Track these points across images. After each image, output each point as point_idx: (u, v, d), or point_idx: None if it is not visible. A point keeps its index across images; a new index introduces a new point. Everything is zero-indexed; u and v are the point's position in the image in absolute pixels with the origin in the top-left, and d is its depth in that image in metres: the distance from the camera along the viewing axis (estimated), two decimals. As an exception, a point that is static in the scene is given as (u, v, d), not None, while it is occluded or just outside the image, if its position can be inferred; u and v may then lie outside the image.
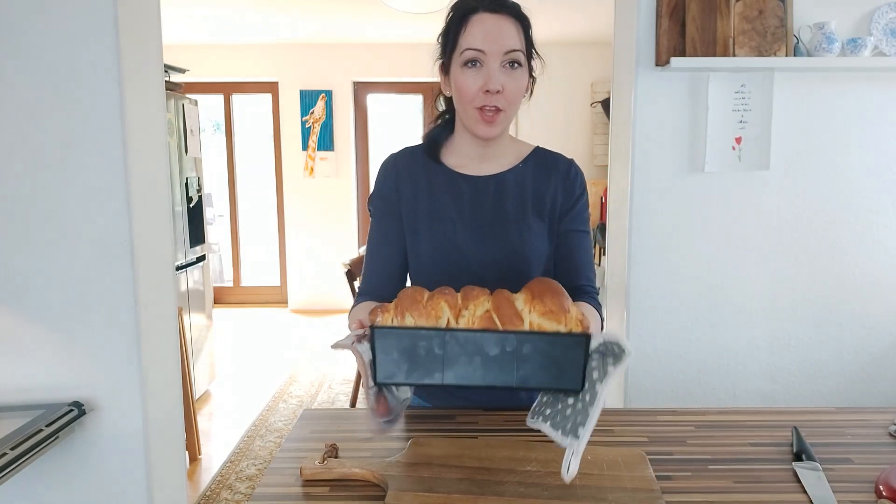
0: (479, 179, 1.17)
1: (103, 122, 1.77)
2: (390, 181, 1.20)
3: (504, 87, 1.07)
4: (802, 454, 1.00)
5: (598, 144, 5.47)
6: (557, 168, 1.20)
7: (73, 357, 1.84)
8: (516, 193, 1.17)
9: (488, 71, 1.06)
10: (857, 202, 2.21)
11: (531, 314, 0.86)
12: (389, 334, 0.85)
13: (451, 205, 1.16)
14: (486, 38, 1.05)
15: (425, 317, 0.86)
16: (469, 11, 1.07)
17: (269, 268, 6.32)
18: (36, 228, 1.79)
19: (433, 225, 1.16)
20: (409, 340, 0.84)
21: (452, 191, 1.17)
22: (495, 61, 1.06)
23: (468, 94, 1.08)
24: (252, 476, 2.75)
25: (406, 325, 0.86)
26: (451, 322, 0.86)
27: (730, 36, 2.08)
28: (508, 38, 1.06)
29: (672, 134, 2.17)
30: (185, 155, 3.36)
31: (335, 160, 5.72)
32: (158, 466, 1.92)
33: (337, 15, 4.59)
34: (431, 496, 0.87)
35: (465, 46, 1.06)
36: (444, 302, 0.87)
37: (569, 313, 0.85)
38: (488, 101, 1.07)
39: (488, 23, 1.06)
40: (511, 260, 1.14)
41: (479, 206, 1.16)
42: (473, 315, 0.86)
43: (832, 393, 2.29)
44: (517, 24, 1.08)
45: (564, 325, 0.84)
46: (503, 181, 1.17)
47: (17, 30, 1.73)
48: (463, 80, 1.08)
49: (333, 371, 4.16)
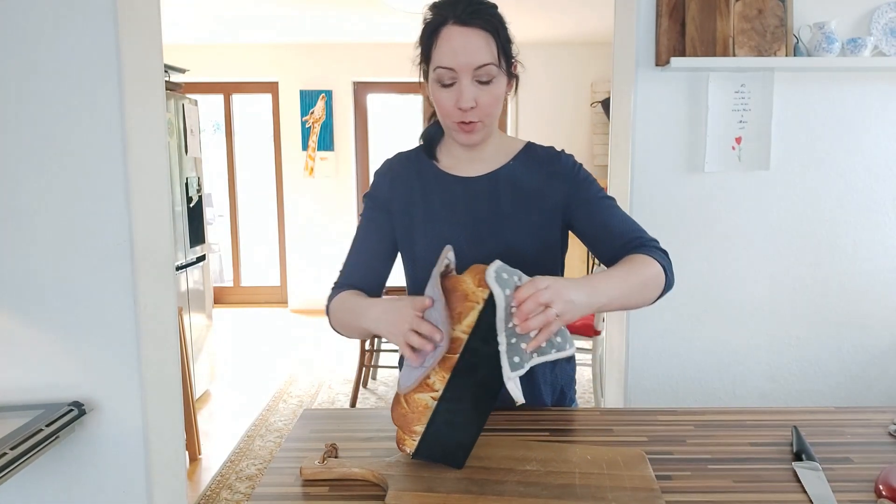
0: (470, 180, 1.18)
1: (103, 122, 1.77)
2: (385, 185, 1.22)
3: (478, 101, 1.07)
4: (802, 454, 1.00)
5: (598, 144, 5.47)
6: (549, 160, 1.19)
7: (73, 357, 1.84)
8: (510, 190, 1.16)
9: (460, 88, 1.06)
10: (857, 202, 2.21)
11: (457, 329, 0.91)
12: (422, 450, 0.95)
13: (446, 207, 1.16)
14: (456, 56, 1.04)
15: (420, 416, 0.93)
16: (440, 23, 1.06)
17: (269, 268, 6.32)
18: (36, 228, 1.79)
19: (428, 227, 1.16)
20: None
21: (446, 193, 1.17)
22: (466, 77, 1.05)
23: (444, 110, 1.10)
24: (252, 476, 2.75)
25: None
26: (435, 396, 0.92)
27: (729, 36, 2.08)
28: (478, 52, 1.04)
29: (672, 134, 2.17)
30: (185, 155, 3.36)
31: (335, 160, 5.72)
32: (158, 466, 1.92)
33: (337, 15, 4.59)
34: (431, 496, 0.87)
35: (437, 64, 1.06)
36: (417, 394, 0.93)
37: (463, 292, 0.90)
38: (464, 117, 1.08)
39: (457, 39, 1.04)
40: (508, 257, 1.14)
41: (472, 206, 1.16)
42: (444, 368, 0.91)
43: (832, 393, 2.29)
44: (487, 35, 1.05)
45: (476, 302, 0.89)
46: (495, 179, 1.17)
47: (17, 30, 1.73)
48: (438, 96, 1.09)
49: (333, 371, 4.16)
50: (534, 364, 0.88)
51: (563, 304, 0.87)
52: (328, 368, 4.22)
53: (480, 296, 0.89)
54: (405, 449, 0.95)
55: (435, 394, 0.92)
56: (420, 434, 0.93)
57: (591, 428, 1.13)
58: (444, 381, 0.91)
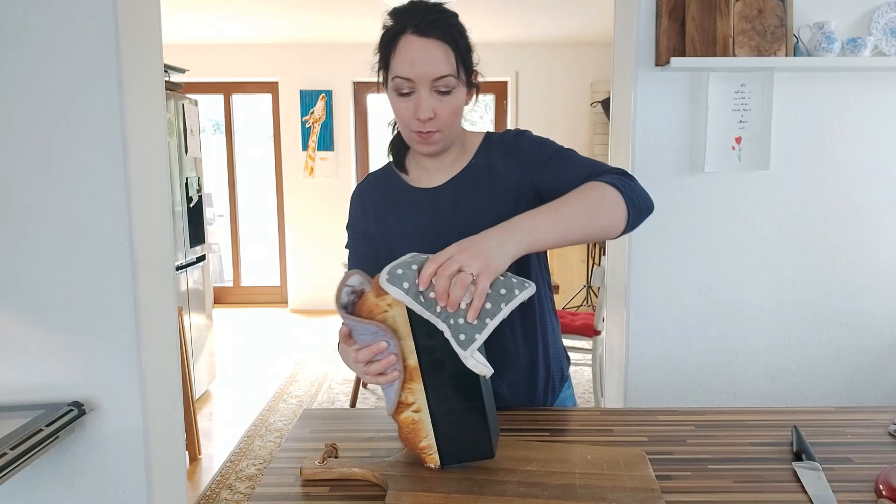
0: (435, 190, 1.17)
1: (103, 122, 1.77)
2: (357, 210, 1.24)
3: (436, 111, 1.06)
4: (802, 454, 1.00)
5: (598, 144, 5.47)
6: (503, 144, 1.18)
7: (73, 357, 1.84)
8: (473, 189, 1.15)
9: (418, 99, 1.05)
10: (857, 202, 2.21)
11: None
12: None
13: (415, 221, 1.17)
14: (414, 67, 1.03)
15: (416, 432, 0.93)
16: (398, 31, 1.04)
17: (269, 268, 6.32)
18: (36, 228, 1.79)
19: (404, 243, 1.16)
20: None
21: (414, 206, 1.18)
22: (425, 88, 1.04)
23: (402, 120, 1.09)
24: (252, 476, 2.75)
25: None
26: (420, 402, 0.92)
27: (729, 36, 2.08)
28: (436, 64, 1.03)
29: (672, 134, 2.17)
30: (185, 155, 3.36)
31: (335, 160, 5.73)
32: (158, 466, 1.92)
33: (337, 15, 4.59)
34: (431, 496, 0.87)
35: (395, 74, 1.05)
36: (401, 415, 0.93)
37: (368, 303, 0.89)
38: (422, 127, 1.07)
39: (416, 49, 1.02)
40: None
41: (438, 217, 1.16)
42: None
43: (832, 393, 2.29)
44: (446, 46, 1.04)
45: (381, 311, 0.89)
46: (457, 183, 1.16)
47: (17, 30, 1.73)
48: (396, 105, 1.08)
49: (333, 371, 4.16)
50: (493, 326, 0.83)
51: (477, 261, 0.83)
52: (328, 368, 4.22)
53: (384, 305, 0.88)
54: (430, 465, 0.95)
55: (415, 407, 0.92)
56: (430, 447, 0.93)
57: (592, 428, 1.13)
58: (415, 393, 0.92)
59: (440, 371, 0.90)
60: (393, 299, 0.85)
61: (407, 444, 0.95)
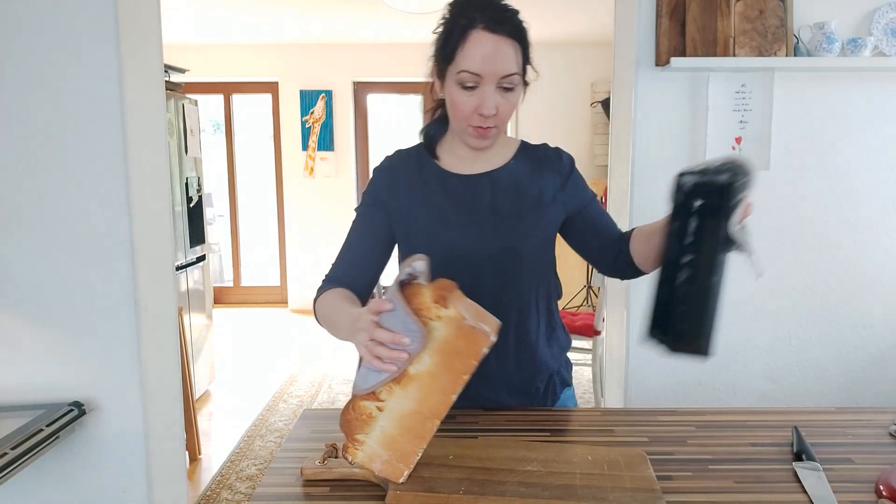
0: (472, 178, 1.17)
1: (103, 122, 1.77)
2: (383, 182, 1.21)
3: (498, 108, 1.07)
4: (803, 454, 1.00)
5: (598, 144, 5.47)
6: (547, 158, 1.21)
7: (73, 357, 1.84)
8: (511, 189, 1.17)
9: (483, 94, 1.05)
10: (856, 202, 2.21)
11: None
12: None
13: (446, 204, 1.16)
14: (484, 63, 1.03)
15: (364, 424, 0.90)
16: (468, 25, 1.04)
17: (269, 268, 6.32)
18: (36, 228, 1.79)
19: (428, 225, 1.16)
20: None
21: (446, 190, 1.17)
22: (490, 85, 1.05)
23: (462, 113, 1.08)
24: (252, 476, 2.75)
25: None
26: (382, 407, 0.90)
27: (730, 36, 2.08)
28: (506, 61, 1.04)
29: (672, 134, 2.17)
30: (185, 155, 3.36)
31: (335, 160, 5.72)
32: (158, 466, 1.92)
33: (337, 15, 4.59)
34: (431, 496, 0.87)
35: (462, 68, 1.04)
36: (361, 400, 0.91)
37: (424, 310, 0.88)
38: (482, 122, 1.08)
39: (487, 45, 1.03)
40: (505, 256, 1.15)
41: (473, 204, 1.16)
42: (382, 383, 0.89)
43: (832, 393, 2.29)
44: (515, 44, 1.05)
45: (432, 319, 0.87)
46: (497, 178, 1.17)
47: (17, 30, 1.73)
48: (458, 98, 1.07)
49: (333, 371, 4.16)
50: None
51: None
52: (328, 368, 4.22)
53: (435, 312, 0.87)
54: (348, 457, 0.92)
55: (380, 403, 0.90)
56: (363, 442, 0.91)
57: (592, 428, 1.13)
58: (392, 394, 0.89)
59: (702, 245, 0.88)
60: (445, 311, 0.86)
61: (345, 428, 0.92)
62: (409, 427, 0.90)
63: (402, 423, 0.90)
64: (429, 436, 0.90)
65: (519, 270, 1.16)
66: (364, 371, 0.91)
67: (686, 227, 0.90)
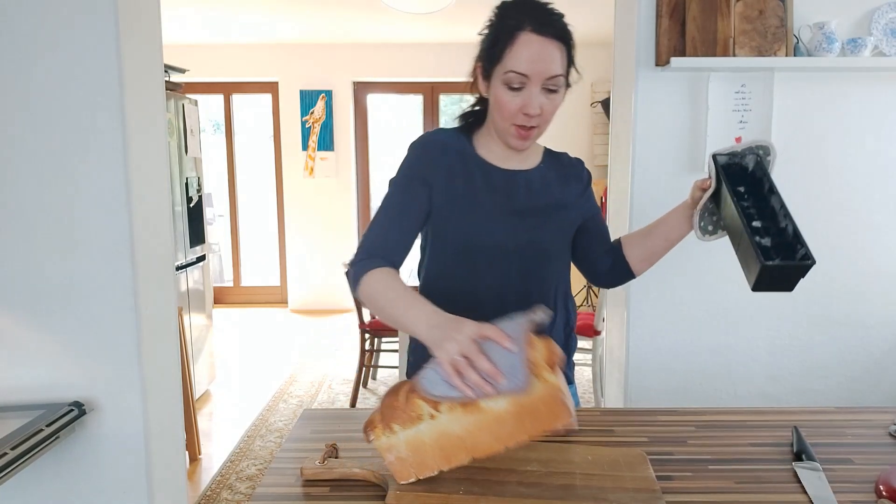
0: (509, 173, 1.20)
1: (103, 122, 1.77)
2: (428, 158, 1.19)
3: (542, 108, 1.10)
4: (802, 454, 1.00)
5: (598, 144, 5.47)
6: (570, 166, 1.28)
7: (73, 357, 1.84)
8: (541, 190, 1.21)
9: (529, 94, 1.09)
10: (857, 202, 2.21)
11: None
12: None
13: (486, 193, 1.18)
14: (531, 64, 1.07)
15: (409, 421, 0.88)
16: (517, 27, 1.07)
17: (269, 268, 6.32)
18: (36, 228, 1.79)
19: (467, 209, 1.16)
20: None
21: (487, 179, 1.19)
22: (536, 85, 1.08)
23: (507, 112, 1.11)
24: (252, 476, 2.75)
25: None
26: (435, 415, 0.88)
27: (730, 36, 2.08)
28: (553, 63, 1.08)
29: (672, 134, 2.17)
30: (185, 155, 3.36)
31: (335, 160, 5.72)
32: (158, 466, 1.92)
33: (337, 15, 4.59)
34: (431, 496, 0.87)
35: (510, 68, 1.08)
36: (419, 399, 0.89)
37: (536, 366, 0.86)
38: (526, 122, 1.11)
39: (534, 46, 1.06)
40: (534, 252, 1.19)
41: (509, 198, 1.18)
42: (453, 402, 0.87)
43: (832, 393, 2.29)
44: (562, 46, 1.09)
45: (535, 376, 0.85)
46: (530, 178, 1.21)
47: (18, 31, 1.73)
48: (503, 97, 1.10)
49: (333, 371, 4.16)
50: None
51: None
52: (328, 368, 4.22)
53: (539, 371, 0.85)
54: (370, 435, 0.90)
55: (435, 413, 0.87)
56: (394, 432, 0.89)
57: (592, 428, 1.13)
58: (451, 410, 0.87)
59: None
60: (550, 376, 0.85)
61: (386, 411, 0.90)
62: (443, 446, 0.88)
63: (440, 440, 0.88)
64: (455, 464, 0.90)
65: (545, 267, 1.21)
66: (435, 376, 0.88)
67: (745, 204, 1.11)
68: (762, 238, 1.07)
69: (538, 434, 0.87)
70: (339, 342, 4.83)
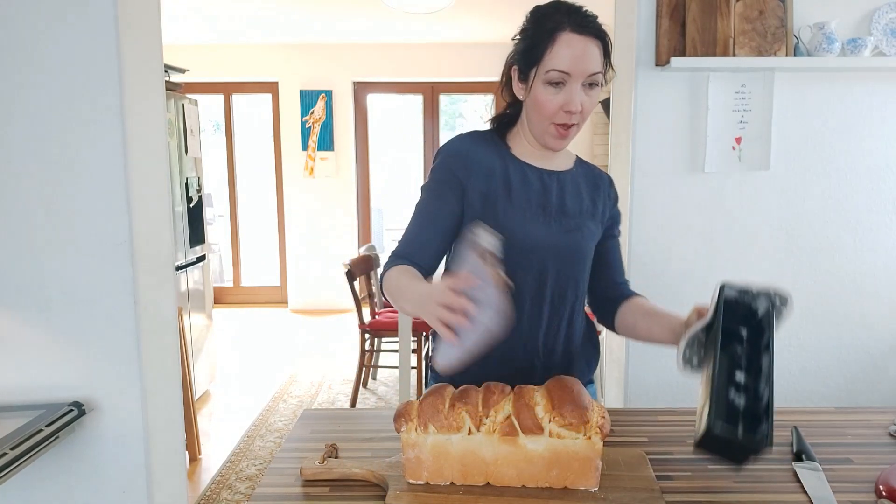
0: (544, 172, 1.22)
1: (103, 122, 1.77)
2: (459, 162, 1.20)
3: (582, 105, 1.12)
4: (802, 454, 1.00)
5: (598, 144, 5.47)
6: (602, 179, 1.31)
7: (73, 357, 1.84)
8: (574, 194, 1.23)
9: (570, 92, 1.11)
10: (856, 202, 2.21)
11: (551, 424, 0.88)
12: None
13: (523, 191, 1.19)
14: (573, 62, 1.09)
15: (447, 428, 0.89)
16: (556, 28, 1.10)
17: (269, 268, 6.32)
18: (36, 228, 1.79)
19: (504, 207, 1.17)
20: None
21: (524, 178, 1.20)
22: (577, 83, 1.10)
23: (548, 111, 1.13)
24: (252, 476, 2.75)
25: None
26: (473, 431, 0.89)
27: (730, 36, 2.08)
28: (593, 60, 1.10)
29: (672, 134, 2.17)
30: (185, 155, 3.36)
31: (335, 160, 5.72)
32: (158, 466, 1.92)
33: (337, 15, 4.59)
34: (431, 496, 0.87)
35: (551, 67, 1.10)
36: (466, 412, 0.89)
37: (588, 423, 0.88)
38: (567, 120, 1.13)
39: (576, 45, 1.09)
40: (572, 252, 1.20)
41: (545, 196, 1.19)
42: (494, 422, 0.89)
43: (832, 393, 2.29)
44: (600, 44, 1.11)
45: (584, 433, 0.87)
46: (564, 180, 1.23)
47: (18, 31, 1.73)
48: (544, 96, 1.12)
49: (333, 371, 4.16)
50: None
51: None
52: (328, 368, 4.22)
53: (591, 433, 0.87)
54: (402, 425, 0.90)
55: (475, 431, 0.89)
56: (426, 433, 0.90)
57: (592, 428, 1.13)
58: (490, 433, 0.88)
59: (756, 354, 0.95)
60: (597, 439, 0.88)
61: (427, 409, 0.91)
62: (466, 463, 0.90)
63: (466, 457, 0.89)
64: (469, 483, 0.90)
65: (576, 269, 1.21)
66: (441, 347, 0.90)
67: (734, 351, 0.95)
68: (737, 395, 0.91)
69: (559, 486, 0.89)
70: (339, 342, 4.84)
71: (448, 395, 0.92)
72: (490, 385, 0.93)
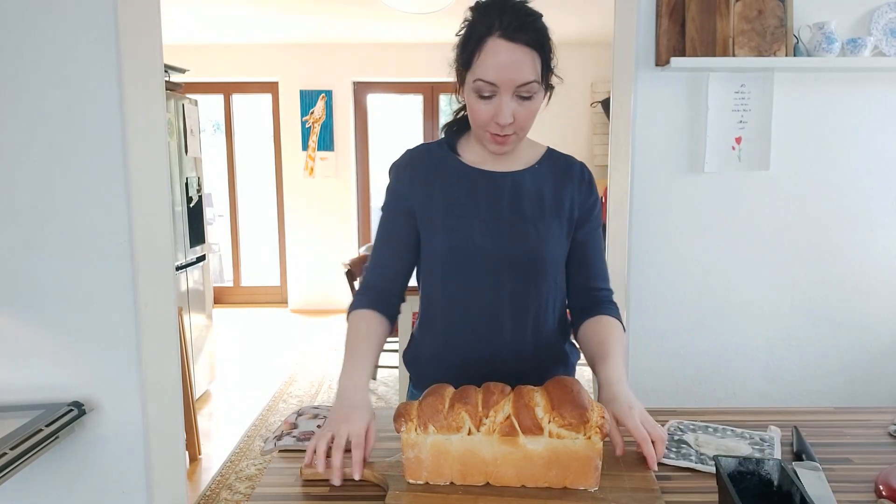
0: (495, 175, 1.15)
1: (103, 122, 1.77)
2: (404, 178, 1.18)
3: (516, 116, 1.05)
4: (802, 454, 1.00)
5: (598, 144, 5.47)
6: (573, 171, 1.20)
7: (73, 357, 1.84)
8: (534, 194, 1.15)
9: (500, 103, 1.04)
10: (857, 202, 2.21)
11: (551, 424, 0.88)
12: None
13: (468, 200, 1.14)
14: (499, 72, 1.01)
15: (447, 428, 0.89)
16: (486, 33, 1.02)
17: (269, 268, 6.32)
18: (36, 229, 1.79)
19: (449, 220, 1.13)
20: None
21: (469, 186, 1.15)
22: (507, 94, 1.03)
23: (479, 121, 1.08)
24: (252, 476, 2.75)
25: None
26: (473, 431, 0.89)
27: (729, 36, 2.08)
28: (522, 70, 1.01)
29: (672, 134, 2.17)
30: (185, 155, 3.36)
31: (335, 160, 5.72)
32: (158, 466, 1.92)
33: (337, 15, 4.59)
34: (431, 496, 0.87)
35: (478, 76, 1.03)
36: (465, 413, 0.89)
37: (588, 423, 0.87)
38: (499, 130, 1.07)
39: (503, 54, 1.00)
40: (527, 260, 1.13)
41: (495, 201, 1.14)
42: (494, 422, 0.89)
43: (832, 393, 2.29)
44: (533, 52, 1.02)
45: (584, 433, 0.87)
46: (520, 180, 1.16)
47: (18, 31, 1.73)
48: (475, 105, 1.06)
49: (333, 371, 4.16)
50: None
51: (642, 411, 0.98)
52: (328, 368, 4.22)
53: (591, 433, 0.87)
54: (401, 425, 0.90)
55: (475, 431, 0.89)
56: (427, 433, 0.89)
57: (591, 428, 1.13)
58: (490, 433, 0.88)
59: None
60: (597, 439, 0.87)
61: (427, 410, 0.91)
62: (466, 463, 0.89)
63: (465, 456, 0.89)
64: (469, 482, 0.90)
65: (536, 274, 1.14)
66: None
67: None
68: None
69: (559, 486, 0.88)
70: (339, 342, 4.83)
71: (448, 395, 0.93)
72: (490, 385, 0.93)
